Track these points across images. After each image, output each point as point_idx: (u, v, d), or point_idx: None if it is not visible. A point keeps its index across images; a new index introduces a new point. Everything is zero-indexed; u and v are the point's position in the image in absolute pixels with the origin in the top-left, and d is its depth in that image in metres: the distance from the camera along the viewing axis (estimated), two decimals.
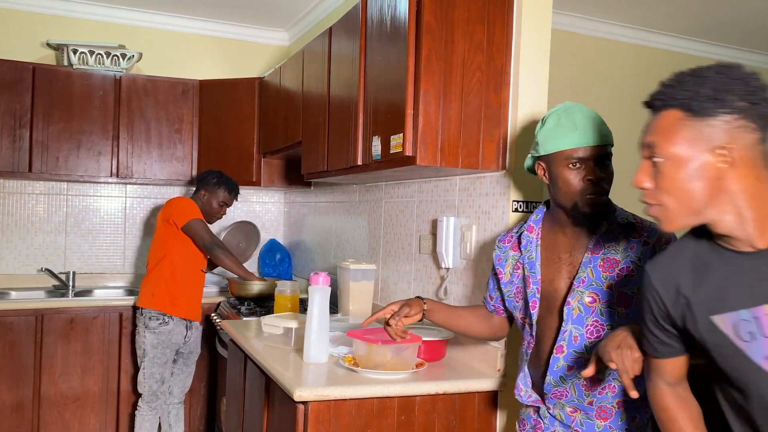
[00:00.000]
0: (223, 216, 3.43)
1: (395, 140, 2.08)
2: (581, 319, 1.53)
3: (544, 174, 1.58)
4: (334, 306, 2.93)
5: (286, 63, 3.37)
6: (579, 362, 1.52)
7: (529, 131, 2.04)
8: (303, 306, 2.98)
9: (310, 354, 2.06)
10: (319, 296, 2.07)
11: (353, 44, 2.41)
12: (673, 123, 1.08)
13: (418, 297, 1.81)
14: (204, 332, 3.66)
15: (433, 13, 1.96)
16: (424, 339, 2.04)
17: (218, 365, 3.48)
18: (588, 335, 1.52)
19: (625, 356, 1.25)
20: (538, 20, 2.05)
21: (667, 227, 1.10)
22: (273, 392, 2.05)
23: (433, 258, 2.44)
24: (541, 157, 1.57)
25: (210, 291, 3.87)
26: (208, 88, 3.92)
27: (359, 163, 2.37)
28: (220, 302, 3.62)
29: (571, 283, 1.56)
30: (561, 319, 1.56)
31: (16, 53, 3.80)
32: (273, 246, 4.25)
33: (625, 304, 1.51)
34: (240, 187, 3.79)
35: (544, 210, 1.68)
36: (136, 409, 3.25)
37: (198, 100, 3.93)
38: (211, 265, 3.43)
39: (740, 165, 1.03)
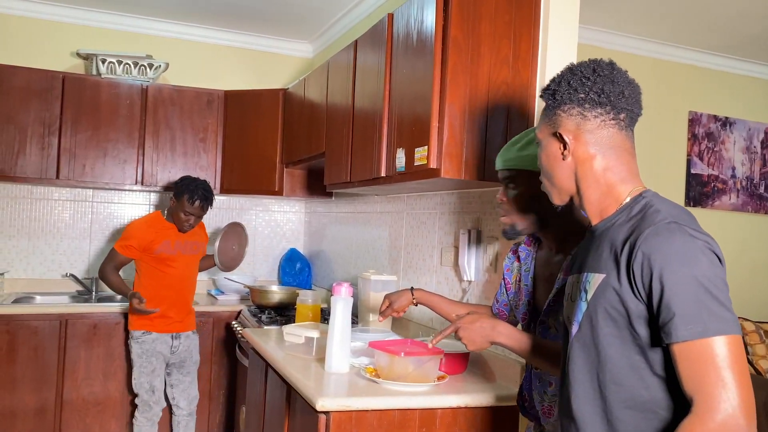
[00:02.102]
0: (195, 225, 3.30)
1: (420, 152, 2.09)
2: (556, 338, 1.52)
3: None
4: (354, 317, 2.94)
5: (310, 75, 3.41)
6: (556, 380, 1.53)
7: None
8: (323, 316, 2.99)
9: (331, 364, 2.07)
10: (341, 306, 2.08)
11: (379, 57, 2.44)
12: (541, 114, 1.28)
13: (411, 288, 2.02)
14: (223, 340, 3.68)
15: (460, 28, 1.98)
16: (445, 352, 2.04)
17: (238, 373, 3.49)
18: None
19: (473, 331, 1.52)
20: (564, 35, 2.06)
21: (552, 201, 1.29)
22: (294, 401, 2.06)
23: (455, 270, 2.44)
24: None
25: (230, 299, 3.90)
26: (233, 99, 3.97)
27: (383, 174, 2.39)
28: (240, 310, 3.65)
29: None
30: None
31: (47, 62, 3.88)
32: (293, 255, 4.27)
33: None
34: (262, 196, 3.81)
35: None
36: (133, 418, 3.28)
37: (223, 110, 3.98)
38: (204, 266, 3.56)
39: (578, 149, 1.19)
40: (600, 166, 1.19)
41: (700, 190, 4.29)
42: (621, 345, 1.09)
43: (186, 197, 3.18)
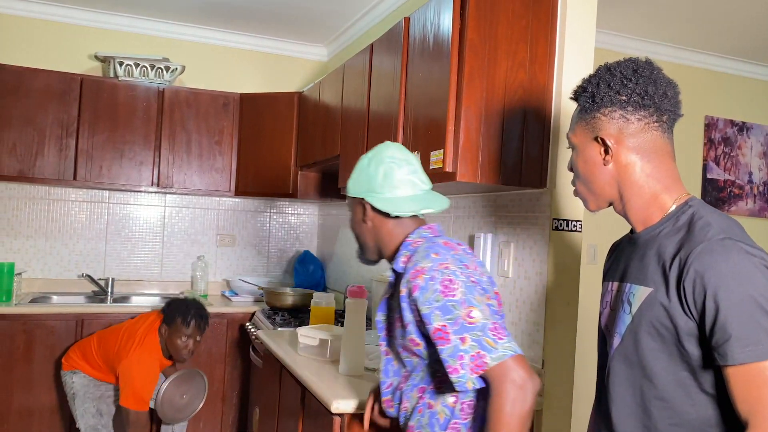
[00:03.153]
0: (194, 351, 3.06)
1: (435, 156, 2.09)
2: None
3: (371, 219, 1.59)
4: (368, 320, 2.95)
5: (325, 78, 3.42)
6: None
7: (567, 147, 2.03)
8: (337, 318, 3.00)
9: (346, 366, 2.07)
10: (356, 309, 2.08)
11: (395, 60, 2.44)
12: (575, 117, 1.22)
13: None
14: (237, 341, 3.70)
15: (476, 31, 1.98)
16: None
17: (251, 374, 3.51)
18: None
19: None
20: (581, 39, 2.06)
21: (588, 208, 1.24)
22: (309, 403, 2.07)
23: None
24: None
25: (244, 300, 3.92)
26: (248, 102, 4.00)
27: None
28: (254, 312, 3.67)
29: None
30: None
31: (66, 65, 3.93)
32: (306, 257, 4.29)
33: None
34: (276, 199, 3.79)
35: None
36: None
37: (238, 112, 4.01)
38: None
39: (620, 153, 1.14)
40: (644, 172, 1.14)
41: (716, 196, 4.25)
42: (668, 361, 1.06)
43: (179, 320, 2.97)
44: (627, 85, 1.12)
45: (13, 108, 3.58)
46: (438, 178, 2.11)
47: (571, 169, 1.24)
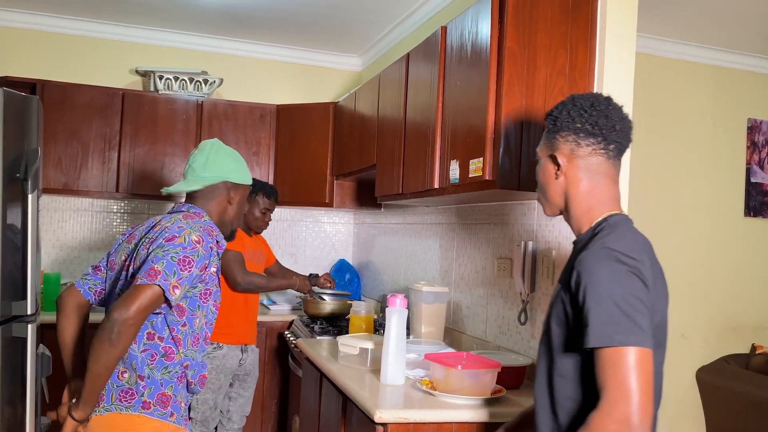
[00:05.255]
0: (269, 222, 3.32)
1: (474, 164, 2.09)
2: None
3: (233, 197, 1.91)
4: (406, 328, 2.94)
5: (361, 88, 3.45)
6: None
7: None
8: (375, 326, 3.00)
9: (387, 375, 2.07)
10: (396, 318, 2.08)
11: (432, 69, 2.45)
12: (543, 135, 1.44)
13: None
14: (276, 349, 3.73)
15: (515, 39, 1.97)
16: (502, 365, 2.02)
17: (290, 382, 3.53)
18: None
19: None
20: (621, 45, 2.04)
21: (545, 212, 1.46)
22: (350, 412, 2.08)
23: (509, 283, 2.42)
24: (238, 185, 1.92)
25: (282, 309, 3.95)
26: (284, 113, 4.05)
27: (436, 186, 2.39)
28: (293, 320, 3.70)
29: None
30: None
31: (108, 80, 4.03)
32: (342, 266, 4.31)
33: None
34: (312, 208, 3.83)
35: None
36: None
37: (275, 124, 4.06)
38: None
39: (569, 171, 1.36)
40: (585, 189, 1.35)
41: (760, 200, 4.14)
42: (565, 344, 1.29)
43: (261, 195, 3.25)
44: (582, 116, 1.33)
45: (58, 123, 3.69)
46: (477, 186, 2.11)
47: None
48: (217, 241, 1.78)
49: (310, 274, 3.55)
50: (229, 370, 3.13)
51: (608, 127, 1.33)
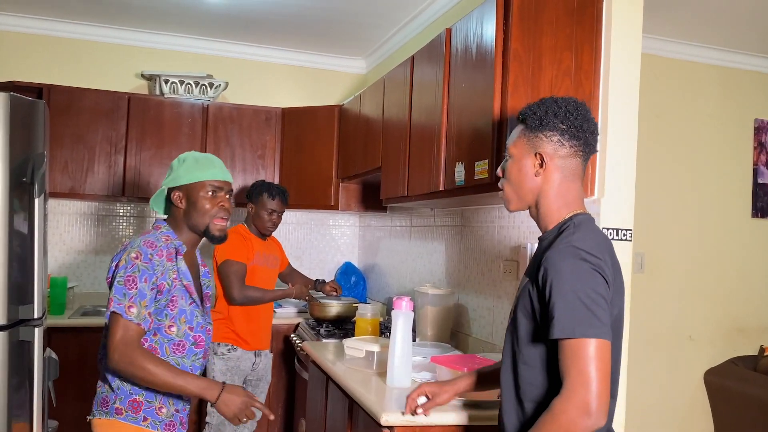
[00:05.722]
0: (278, 224, 3.30)
1: (480, 166, 2.08)
2: None
3: (180, 200, 1.85)
4: (412, 331, 2.94)
5: (366, 90, 3.45)
6: None
7: (616, 155, 2.00)
8: (381, 329, 3.00)
9: (393, 378, 2.07)
10: (402, 321, 2.08)
11: (437, 71, 2.45)
12: (518, 132, 1.46)
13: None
14: (282, 352, 3.73)
15: (520, 41, 1.97)
16: None
17: (296, 385, 3.53)
18: None
19: None
20: (627, 46, 2.03)
21: (507, 208, 1.50)
22: (356, 415, 2.07)
23: (515, 285, 2.42)
24: (181, 186, 1.85)
25: (288, 312, 3.95)
26: (289, 116, 4.06)
27: (441, 188, 2.39)
28: (298, 323, 3.70)
29: None
30: None
31: (113, 84, 4.05)
32: (348, 269, 4.31)
33: None
34: (318, 210, 3.83)
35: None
36: None
37: (280, 127, 4.07)
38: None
39: (549, 169, 1.40)
40: (558, 189, 1.40)
41: (767, 201, 4.12)
42: (531, 334, 1.35)
43: (265, 195, 3.23)
44: (569, 118, 1.38)
45: (65, 127, 3.70)
46: (483, 188, 2.10)
47: (502, 173, 1.50)
48: (176, 249, 1.83)
49: (317, 280, 3.55)
50: (243, 372, 3.17)
51: (589, 131, 1.40)
